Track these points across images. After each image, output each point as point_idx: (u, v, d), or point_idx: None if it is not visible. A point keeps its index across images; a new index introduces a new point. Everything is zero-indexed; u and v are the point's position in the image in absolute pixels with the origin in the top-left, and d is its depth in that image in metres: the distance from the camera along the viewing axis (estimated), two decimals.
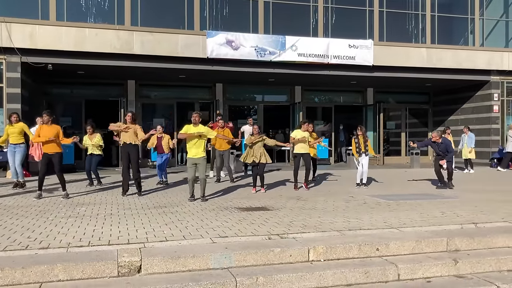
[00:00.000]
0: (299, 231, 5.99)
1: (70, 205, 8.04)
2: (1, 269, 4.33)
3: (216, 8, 15.36)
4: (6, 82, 12.87)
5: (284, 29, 15.47)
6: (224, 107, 17.40)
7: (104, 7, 14.28)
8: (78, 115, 16.69)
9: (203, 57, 14.14)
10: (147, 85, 17.23)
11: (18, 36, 12.70)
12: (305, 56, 14.96)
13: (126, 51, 13.54)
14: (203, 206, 7.95)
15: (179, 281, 4.47)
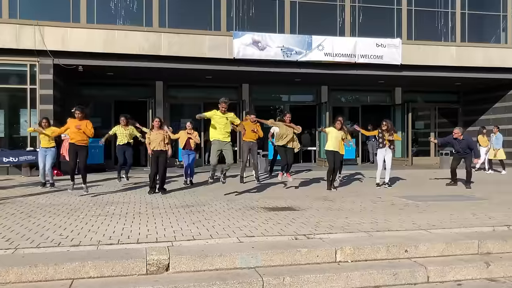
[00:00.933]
0: (326, 231, 5.95)
1: (100, 204, 8.21)
2: (35, 265, 4.46)
3: (243, 8, 15.43)
4: (39, 84, 13.24)
5: (311, 29, 15.41)
6: (250, 107, 17.43)
7: (132, 9, 14.53)
8: (108, 116, 17.01)
9: (229, 57, 14.22)
10: (174, 86, 17.42)
11: (50, 39, 13.04)
12: (332, 56, 14.86)
13: (154, 52, 13.73)
14: (230, 206, 8.00)
15: (207, 279, 4.51)
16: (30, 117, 13.38)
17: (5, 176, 12.57)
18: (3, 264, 4.46)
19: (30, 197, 9.01)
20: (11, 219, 6.76)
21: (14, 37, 12.85)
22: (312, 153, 18.86)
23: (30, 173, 12.95)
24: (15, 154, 12.51)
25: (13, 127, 13.80)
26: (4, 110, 13.75)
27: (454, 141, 11.13)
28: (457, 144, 11.02)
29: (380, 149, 10.88)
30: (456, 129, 11.25)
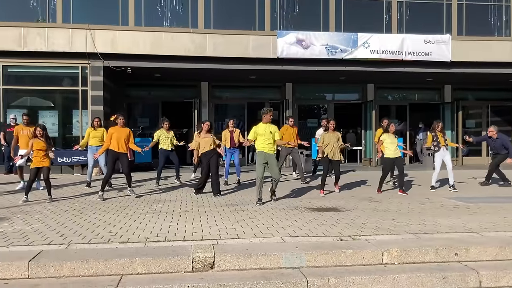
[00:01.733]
0: (372, 233, 5.85)
1: (148, 202, 8.42)
2: (87, 260, 4.64)
3: (287, 7, 15.40)
4: (90, 85, 13.74)
5: (356, 26, 15.17)
6: (293, 106, 17.38)
7: (178, 11, 14.83)
8: (155, 116, 17.43)
9: (273, 57, 14.22)
10: (219, 86, 17.61)
11: (100, 42, 13.50)
12: (378, 53, 14.56)
13: (199, 53, 13.93)
14: (273, 205, 8.00)
15: (251, 278, 4.54)
16: (82, 118, 13.92)
17: (59, 174, 13.13)
18: (58, 258, 4.67)
19: (82, 195, 9.37)
20: (64, 215, 7.06)
21: (67, 41, 13.40)
22: (357, 152, 18.56)
23: (82, 171, 13.47)
24: (69, 154, 13.04)
25: (66, 127, 14.39)
26: (58, 111, 14.37)
27: (489, 140, 10.70)
28: (491, 142, 10.60)
29: (437, 152, 10.42)
30: (491, 127, 10.81)
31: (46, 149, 8.51)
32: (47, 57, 13.45)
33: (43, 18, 14.35)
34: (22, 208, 7.68)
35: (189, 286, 4.35)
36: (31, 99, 14.34)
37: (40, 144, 8.45)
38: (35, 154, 8.47)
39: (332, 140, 9.62)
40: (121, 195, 9.30)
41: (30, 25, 13.53)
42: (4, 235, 5.66)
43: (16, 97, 14.15)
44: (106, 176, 9.11)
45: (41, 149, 8.45)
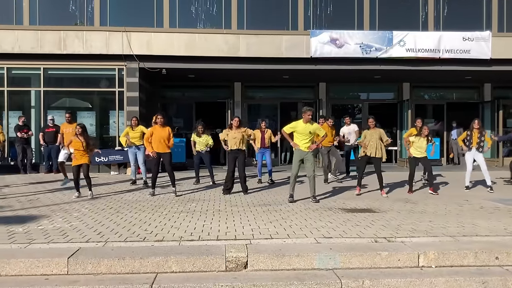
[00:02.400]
0: (408, 235, 5.73)
1: (182, 201, 8.53)
2: (123, 258, 4.73)
3: (320, 7, 15.28)
4: (126, 87, 14.04)
5: (391, 24, 14.89)
6: (327, 106, 17.23)
7: (212, 12, 14.95)
8: (189, 116, 17.64)
9: (306, 56, 14.13)
10: (252, 86, 17.65)
11: (136, 44, 13.77)
12: (414, 52, 14.24)
13: (232, 54, 14.00)
14: (307, 206, 7.95)
15: (284, 279, 4.52)
16: (118, 118, 14.23)
17: (96, 173, 13.47)
18: (95, 256, 4.79)
19: (118, 194, 9.58)
20: (101, 214, 7.24)
21: (104, 43, 13.73)
22: (393, 153, 18.22)
23: (118, 171, 13.78)
24: (106, 154, 13.37)
25: (103, 127, 14.76)
26: (96, 112, 14.76)
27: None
28: None
29: (468, 151, 10.18)
30: None
31: (84, 147, 8.82)
32: (85, 59, 13.83)
33: (81, 22, 14.77)
34: (61, 206, 7.92)
35: (223, 286, 4.37)
36: (70, 100, 14.78)
37: (79, 143, 8.78)
38: (75, 153, 8.82)
39: (374, 137, 9.49)
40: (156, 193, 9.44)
41: (69, 29, 13.94)
42: (45, 232, 5.85)
43: (56, 98, 14.63)
44: (153, 175, 9.42)
45: (80, 148, 8.78)
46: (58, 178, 11.45)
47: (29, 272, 4.64)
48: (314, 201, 8.32)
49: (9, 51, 13.52)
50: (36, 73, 14.18)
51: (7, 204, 8.13)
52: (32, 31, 13.71)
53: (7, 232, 5.88)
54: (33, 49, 13.57)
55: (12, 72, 14.13)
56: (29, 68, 14.18)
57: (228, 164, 9.68)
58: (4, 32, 13.57)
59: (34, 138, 14.04)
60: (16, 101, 14.47)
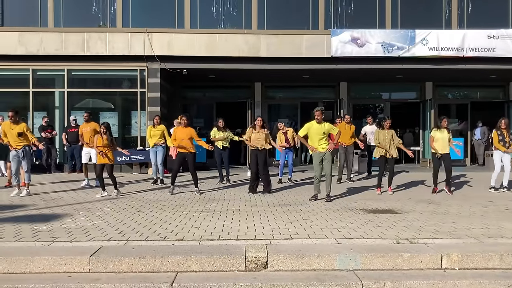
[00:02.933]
0: (430, 236, 5.63)
1: (202, 201, 8.57)
2: (144, 257, 4.77)
3: (341, 6, 15.16)
4: (148, 87, 14.18)
5: (413, 22, 14.68)
6: (348, 106, 17.08)
7: (232, 13, 14.98)
8: (210, 117, 17.73)
9: (327, 56, 14.04)
10: (272, 86, 17.64)
11: (158, 45, 13.90)
12: (437, 50, 14.01)
13: (253, 54, 14.01)
14: (327, 206, 7.89)
15: (304, 279, 4.49)
16: (140, 119, 14.39)
17: (118, 173, 13.60)
18: (117, 254, 4.84)
19: (140, 193, 9.68)
20: (123, 213, 7.32)
21: (126, 44, 13.90)
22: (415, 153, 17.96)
23: (140, 170, 13.93)
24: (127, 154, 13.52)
25: (125, 127, 14.94)
26: (118, 112, 14.95)
27: None
28: None
29: (496, 150, 9.99)
30: None
31: (108, 146, 9.00)
32: (108, 60, 14.03)
33: (104, 23, 14.98)
34: (84, 205, 8.04)
35: (243, 285, 4.37)
36: (93, 101, 15.02)
37: (101, 141, 8.95)
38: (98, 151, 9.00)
39: (387, 137, 9.59)
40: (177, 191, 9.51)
41: (92, 30, 14.16)
42: (68, 231, 5.95)
43: (79, 99, 14.87)
44: (174, 173, 9.59)
45: (103, 146, 8.95)
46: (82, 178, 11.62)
47: (52, 269, 4.72)
48: (328, 199, 8.42)
49: (34, 52, 13.81)
50: (60, 74, 14.45)
51: (32, 203, 8.30)
52: (57, 33, 13.98)
53: (32, 230, 5.99)
54: (57, 50, 13.82)
55: (37, 73, 14.42)
56: (54, 70, 14.45)
57: (251, 165, 9.72)
58: (29, 34, 13.86)
59: (58, 138, 14.31)
60: (40, 102, 14.77)
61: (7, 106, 9.79)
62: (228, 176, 11.54)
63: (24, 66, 14.16)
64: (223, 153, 11.46)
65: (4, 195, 9.38)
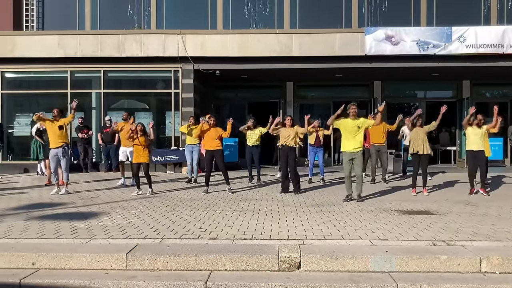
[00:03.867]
0: (468, 238, 5.48)
1: (235, 200, 8.61)
2: (178, 255, 4.84)
3: (375, 3, 14.96)
4: (182, 88, 14.37)
5: (450, 19, 14.35)
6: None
7: (265, 13, 15.02)
8: (242, 117, 17.78)
9: (360, 55, 13.87)
10: (304, 86, 17.55)
11: (191, 46, 14.06)
12: (475, 47, 13.61)
13: (285, 53, 13.98)
14: (361, 207, 7.80)
15: (338, 280, 4.45)
16: (174, 119, 14.60)
17: (153, 172, 13.84)
18: (152, 252, 4.93)
19: (174, 192, 9.82)
20: (158, 211, 7.45)
21: (160, 46, 14.13)
22: (451, 153, 17.52)
23: (174, 170, 14.13)
24: (162, 153, 13.77)
25: (160, 128, 15.18)
26: (152, 113, 15.21)
27: None
28: None
29: None
30: None
31: (144, 145, 9.20)
32: (142, 62, 14.30)
33: (139, 25, 15.28)
34: (120, 204, 8.22)
35: (276, 285, 4.37)
36: (128, 102, 15.33)
37: (138, 140, 9.17)
38: (135, 150, 9.22)
39: (420, 135, 9.38)
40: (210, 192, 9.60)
41: (128, 32, 14.47)
42: (104, 228, 6.10)
43: (115, 100, 15.22)
44: (206, 173, 9.66)
45: (140, 145, 9.16)
46: (117, 177, 11.90)
47: (90, 266, 4.85)
48: (360, 200, 8.32)
49: (72, 55, 14.21)
50: (96, 76, 14.82)
51: (70, 201, 8.55)
52: (93, 36, 14.35)
53: (70, 227, 6.18)
54: (94, 52, 14.18)
55: (74, 75, 14.84)
56: (90, 71, 14.83)
57: (280, 164, 9.66)
58: (68, 37, 14.28)
59: (95, 138, 14.68)
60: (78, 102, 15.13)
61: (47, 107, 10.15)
62: (259, 175, 11.51)
63: (62, 68, 14.60)
64: (254, 151, 11.45)
65: (45, 193, 9.70)
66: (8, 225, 6.38)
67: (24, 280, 4.51)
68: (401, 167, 13.35)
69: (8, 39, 14.26)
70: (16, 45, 14.20)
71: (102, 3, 16.00)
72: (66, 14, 15.96)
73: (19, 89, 15.24)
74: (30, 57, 14.16)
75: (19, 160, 14.70)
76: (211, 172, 9.85)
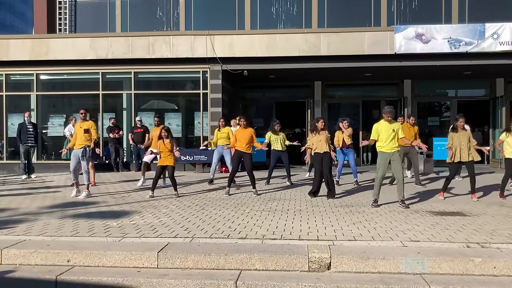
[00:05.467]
0: (504, 241, 5.34)
1: (263, 200, 8.63)
2: (209, 254, 4.89)
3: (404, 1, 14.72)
4: (210, 88, 14.49)
5: (482, 16, 14.03)
6: (412, 104, 16.54)
7: (292, 12, 14.99)
8: (269, 117, 17.79)
9: (390, 53, 13.67)
10: (332, 85, 17.43)
11: (219, 47, 14.16)
12: (509, 44, 13.22)
13: (313, 53, 13.91)
14: (392, 208, 7.69)
15: (369, 282, 4.41)
16: (203, 119, 14.74)
17: (182, 172, 14.04)
18: (183, 251, 5.00)
19: (203, 192, 9.91)
20: (188, 210, 7.53)
21: (189, 47, 14.28)
22: (484, 154, 17.07)
23: (202, 169, 14.26)
24: (190, 153, 13.92)
25: (189, 128, 15.36)
26: (181, 113, 15.40)
27: None
28: None
29: None
30: None
31: (170, 149, 9.26)
32: (172, 63, 14.48)
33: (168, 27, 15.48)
34: (151, 203, 8.36)
35: (306, 286, 4.36)
36: (158, 103, 15.56)
37: (162, 145, 9.24)
38: (161, 154, 9.31)
39: (464, 140, 8.73)
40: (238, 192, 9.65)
41: (157, 34, 14.68)
42: (136, 227, 6.21)
43: (145, 101, 15.46)
44: (231, 173, 9.64)
45: (165, 149, 9.24)
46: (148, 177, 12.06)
47: (123, 264, 4.95)
48: (404, 206, 7.77)
49: (104, 57, 14.52)
50: (127, 77, 15.10)
51: (102, 200, 8.75)
52: (124, 38, 14.62)
53: (103, 226, 6.32)
54: (124, 54, 14.45)
55: (106, 76, 15.15)
56: (121, 73, 15.12)
57: (316, 170, 9.23)
58: (99, 39, 14.60)
59: (126, 138, 14.95)
60: (109, 103, 15.50)
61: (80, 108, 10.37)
62: (289, 177, 11.43)
63: (94, 70, 14.93)
64: (282, 155, 11.37)
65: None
66: (44, 223, 6.58)
67: (60, 277, 4.64)
68: (433, 168, 13.09)
69: (42, 43, 14.68)
70: (50, 48, 14.61)
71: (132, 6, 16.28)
72: (98, 17, 16.33)
73: (53, 90, 15.66)
74: (64, 59, 14.54)
75: (53, 160, 15.11)
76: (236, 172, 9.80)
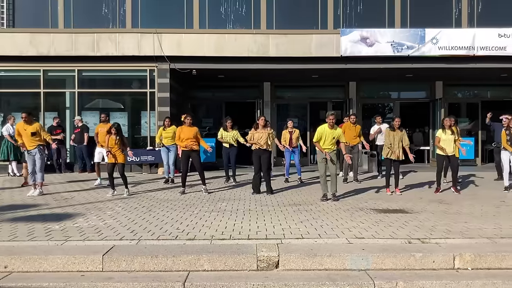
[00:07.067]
0: (442, 236, 5.60)
1: (212, 200, 8.59)
2: (156, 256, 4.80)
3: (350, 5, 15.13)
4: (157, 87, 14.23)
5: (423, 22, 14.61)
6: (357, 105, 17.01)
7: (241, 13, 15.00)
8: (219, 117, 17.73)
9: (336, 56, 13.99)
10: (281, 86, 17.61)
11: (167, 45, 13.93)
12: (447, 49, 13.91)
13: (262, 54, 13.99)
14: (337, 206, 7.88)
15: (316, 279, 4.49)
16: (150, 119, 14.45)
17: (128, 173, 13.65)
18: (129, 253, 4.88)
19: (150, 193, 9.73)
20: (134, 212, 7.36)
21: (136, 45, 13.95)
22: (424, 153, 17.87)
23: (150, 170, 13.98)
24: (137, 154, 13.58)
25: (135, 128, 15.01)
26: (128, 112, 15.02)
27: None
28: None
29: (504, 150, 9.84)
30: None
31: (119, 146, 9.14)
32: (117, 61, 14.08)
33: (114, 24, 15.06)
34: (95, 205, 8.10)
35: (254, 285, 4.38)
36: (103, 101, 15.09)
37: (113, 141, 9.08)
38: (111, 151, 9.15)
39: (397, 139, 9.43)
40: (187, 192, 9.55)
41: (102, 31, 14.22)
42: (80, 230, 6.00)
43: (89, 99, 14.97)
44: (183, 174, 9.61)
45: (115, 146, 9.08)
46: (92, 177, 11.72)
47: (66, 268, 4.76)
48: (334, 199, 8.42)
49: (45, 53, 13.90)
50: (70, 75, 14.53)
51: (44, 202, 8.38)
52: (67, 34, 14.07)
53: (44, 229, 6.05)
54: (67, 51, 13.91)
55: (48, 74, 14.52)
56: (64, 70, 14.54)
57: (254, 165, 9.62)
58: (40, 35, 13.96)
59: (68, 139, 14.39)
60: (51, 102, 14.86)
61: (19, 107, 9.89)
62: (235, 176, 11.56)
63: (35, 67, 14.26)
64: (231, 152, 11.53)
65: (17, 194, 9.48)
66: None
67: None
68: (375, 166, 13.51)
69: None
70: None
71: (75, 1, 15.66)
72: (38, 11, 15.59)
73: None
74: (1, 55, 13.79)
75: None
76: (188, 172, 9.78)
